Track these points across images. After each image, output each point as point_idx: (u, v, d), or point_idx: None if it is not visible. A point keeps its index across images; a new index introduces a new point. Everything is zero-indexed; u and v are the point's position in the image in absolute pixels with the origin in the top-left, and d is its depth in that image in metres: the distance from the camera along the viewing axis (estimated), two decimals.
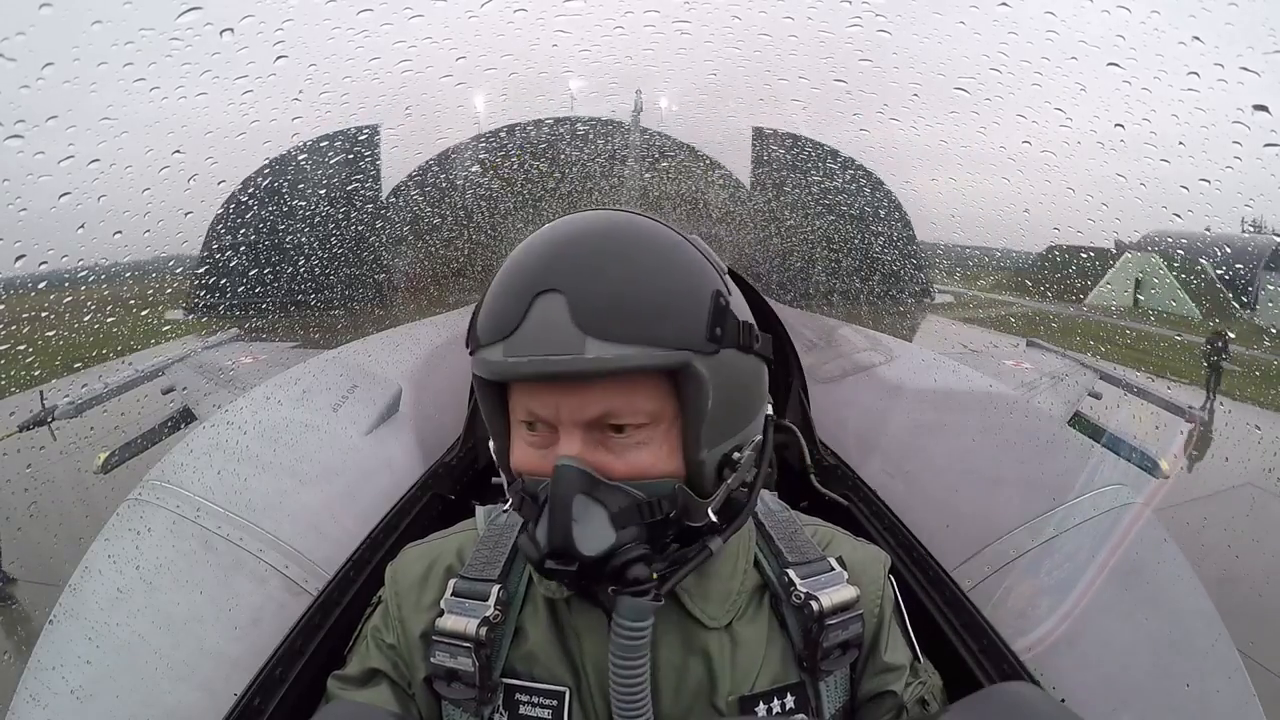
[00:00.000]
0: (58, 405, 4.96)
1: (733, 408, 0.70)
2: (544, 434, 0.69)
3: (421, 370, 2.52)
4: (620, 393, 0.66)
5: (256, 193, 4.58)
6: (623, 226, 0.71)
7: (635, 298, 0.64)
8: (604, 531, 0.65)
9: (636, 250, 0.68)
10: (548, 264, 0.67)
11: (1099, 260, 8.17)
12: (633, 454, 0.68)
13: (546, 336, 0.64)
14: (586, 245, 0.68)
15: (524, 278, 0.67)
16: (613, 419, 0.67)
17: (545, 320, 0.64)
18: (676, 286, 0.67)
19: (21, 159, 1.83)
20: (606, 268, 0.66)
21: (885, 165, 4.73)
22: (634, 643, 0.67)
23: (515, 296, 0.66)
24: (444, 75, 3.62)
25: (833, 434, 1.93)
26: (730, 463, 0.72)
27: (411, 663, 0.81)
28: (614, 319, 0.63)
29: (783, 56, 3.94)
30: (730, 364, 0.68)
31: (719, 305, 0.67)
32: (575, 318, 0.63)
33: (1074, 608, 1.25)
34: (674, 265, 0.68)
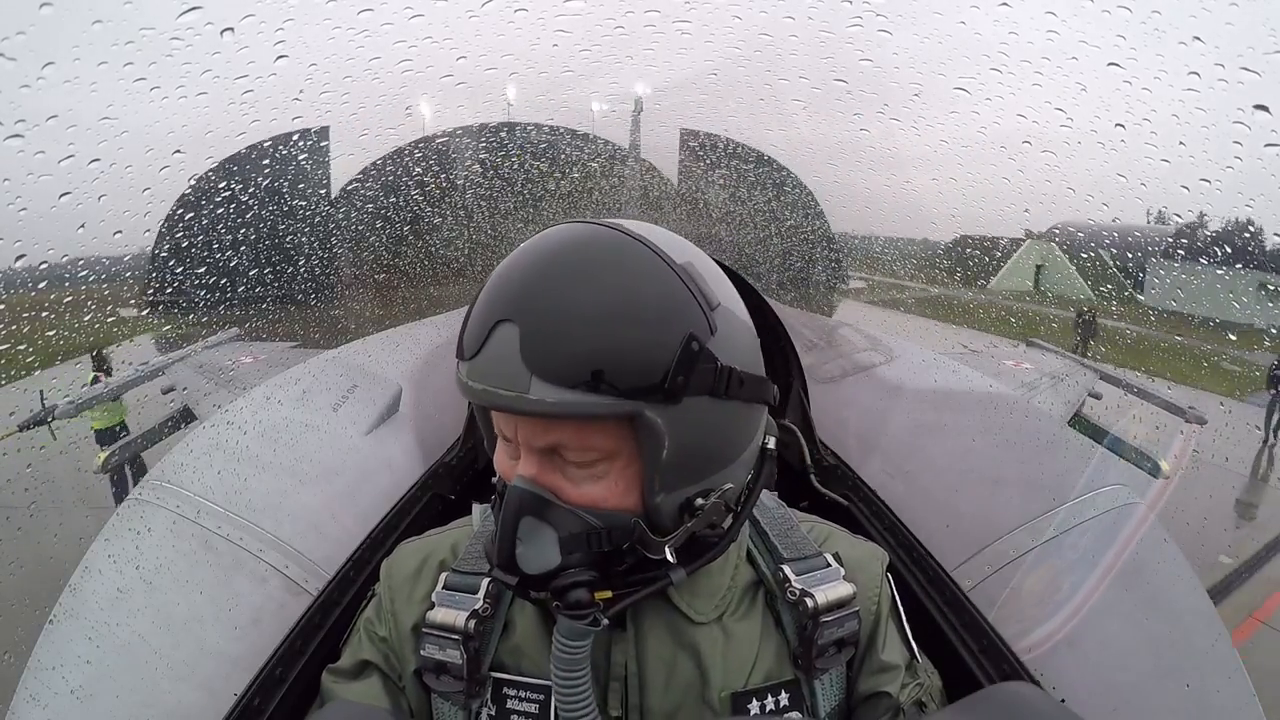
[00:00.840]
0: (58, 405, 4.96)
1: (697, 455, 0.67)
2: (514, 448, 0.70)
3: (421, 370, 2.52)
4: (573, 430, 0.65)
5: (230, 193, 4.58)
6: (595, 251, 0.66)
7: (587, 341, 0.61)
8: (549, 553, 0.66)
9: (601, 284, 0.63)
10: (510, 291, 0.65)
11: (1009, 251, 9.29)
12: (587, 485, 0.67)
13: (497, 369, 0.63)
14: (549, 274, 0.64)
15: (489, 302, 0.66)
16: (566, 452, 0.66)
17: (499, 351, 0.63)
18: (638, 330, 0.62)
19: (21, 159, 1.83)
20: (563, 303, 0.62)
21: (885, 164, 4.72)
22: (572, 657, 0.68)
23: (480, 320, 0.66)
24: (444, 75, 3.62)
25: (833, 434, 1.93)
26: (690, 508, 0.69)
27: (403, 655, 0.81)
28: (559, 362, 0.61)
29: (783, 56, 3.94)
30: (697, 412, 0.65)
31: (689, 351, 0.63)
32: (524, 355, 0.62)
33: (1074, 608, 1.25)
34: (640, 305, 0.63)
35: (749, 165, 7.89)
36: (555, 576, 0.66)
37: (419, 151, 5.38)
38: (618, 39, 3.68)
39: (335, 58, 2.93)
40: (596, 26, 3.74)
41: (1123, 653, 1.20)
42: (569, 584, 0.66)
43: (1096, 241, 14.14)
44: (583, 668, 0.68)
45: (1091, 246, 13.95)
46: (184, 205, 3.56)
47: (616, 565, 0.69)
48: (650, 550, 0.68)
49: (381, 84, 3.33)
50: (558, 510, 0.66)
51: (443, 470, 1.87)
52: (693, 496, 0.69)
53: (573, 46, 3.99)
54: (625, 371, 0.61)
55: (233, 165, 3.55)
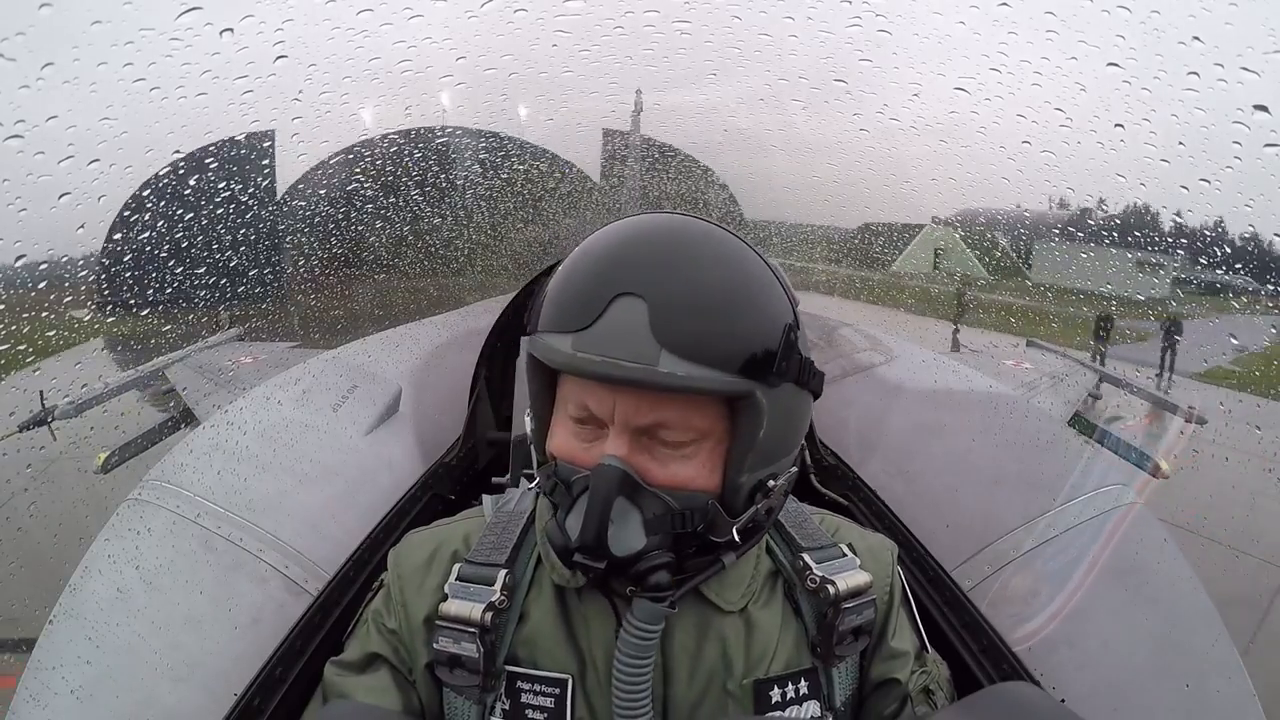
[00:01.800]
0: (58, 405, 4.96)
1: (779, 439, 0.71)
2: (592, 428, 0.70)
3: (421, 370, 2.52)
4: (677, 407, 0.66)
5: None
6: (710, 240, 0.70)
7: (716, 318, 0.64)
8: (636, 535, 0.66)
9: (723, 269, 0.67)
10: (632, 265, 0.66)
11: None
12: (675, 465, 0.68)
13: (622, 340, 0.63)
14: (672, 252, 0.67)
15: (605, 274, 0.66)
16: (664, 430, 0.67)
17: (623, 323, 0.64)
18: (756, 314, 0.67)
19: (21, 159, 1.83)
20: (693, 281, 0.65)
21: (885, 164, 4.73)
22: (644, 643, 0.69)
23: (593, 290, 0.66)
24: (444, 75, 3.62)
25: (833, 434, 1.93)
26: (764, 489, 0.72)
27: (413, 648, 0.79)
28: (692, 337, 0.63)
29: (783, 56, 3.94)
30: (787, 398, 0.69)
31: (789, 340, 0.68)
32: (654, 327, 0.63)
33: (1074, 607, 1.25)
34: (756, 291, 0.68)
35: (669, 161, 8.04)
36: (639, 559, 0.66)
37: (365, 153, 5.32)
38: (618, 39, 3.68)
39: (335, 58, 2.92)
40: (596, 26, 3.74)
41: (1123, 652, 1.20)
42: (652, 566, 0.67)
43: (996, 226, 15.98)
44: (651, 654, 0.69)
45: (989, 229, 16.05)
46: (135, 208, 3.55)
47: (688, 547, 0.70)
48: (718, 532, 0.70)
49: (381, 84, 3.33)
50: (645, 492, 0.67)
51: (443, 470, 1.87)
52: (765, 479, 0.72)
53: (573, 46, 4.00)
54: (746, 352, 0.65)
55: (196, 163, 3.55)
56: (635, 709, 0.69)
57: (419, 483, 1.76)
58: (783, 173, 8.90)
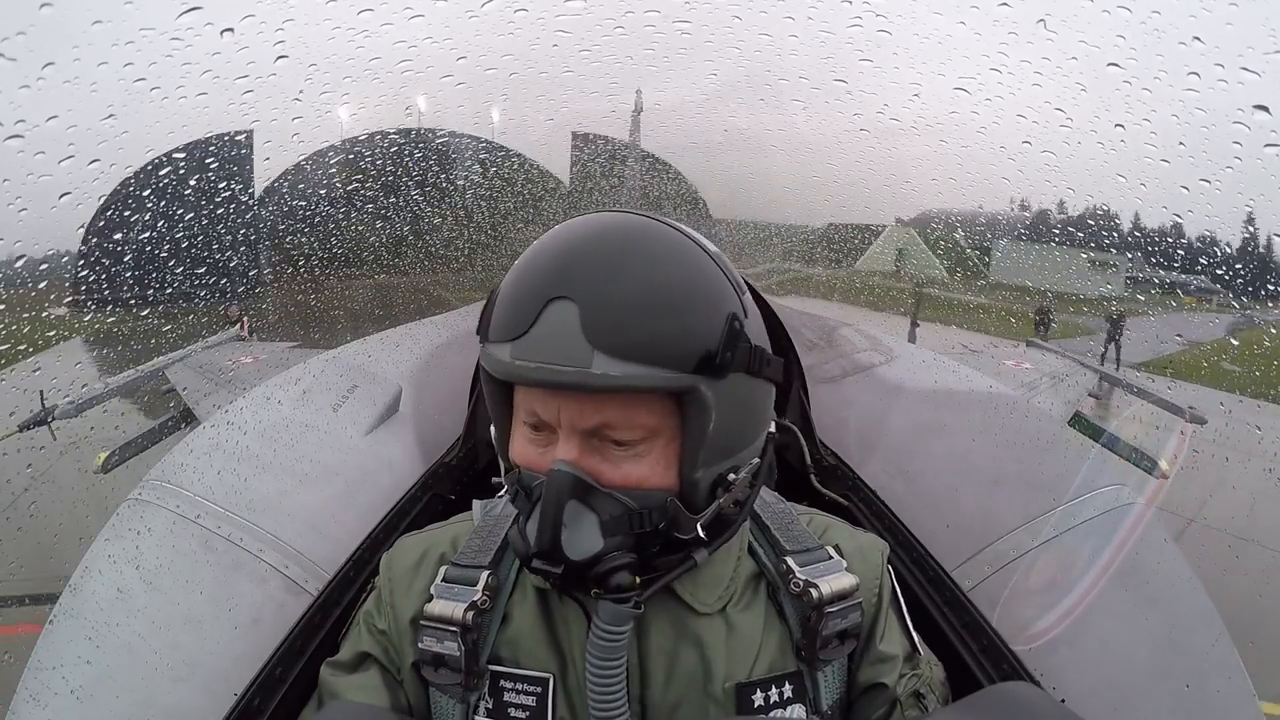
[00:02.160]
0: (58, 405, 4.96)
1: (733, 431, 0.70)
2: (545, 434, 0.70)
3: (421, 370, 2.52)
4: (621, 407, 0.66)
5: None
6: (643, 235, 0.69)
7: (649, 315, 0.64)
8: (592, 537, 0.66)
9: (655, 263, 0.67)
10: (563, 269, 0.66)
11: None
12: (628, 465, 0.68)
13: (554, 345, 0.64)
14: (604, 253, 0.67)
15: (538, 280, 0.67)
16: (610, 431, 0.67)
17: (555, 328, 0.64)
18: (692, 307, 0.66)
19: (21, 159, 1.83)
20: (622, 280, 0.65)
21: (885, 164, 4.72)
22: (612, 644, 0.68)
23: (528, 298, 0.66)
24: (444, 75, 3.62)
25: (833, 434, 1.93)
26: (725, 483, 0.72)
27: (401, 648, 0.81)
28: (624, 336, 0.63)
29: (783, 56, 3.94)
30: (736, 388, 0.68)
31: (733, 329, 0.66)
32: (585, 330, 0.63)
33: (1074, 608, 1.25)
34: (692, 283, 0.68)
35: (638, 163, 8.10)
36: (597, 562, 0.66)
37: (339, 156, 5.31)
38: (618, 39, 3.68)
39: (335, 58, 2.93)
40: (596, 26, 3.74)
41: (1122, 652, 1.20)
42: (612, 568, 0.67)
43: (955, 227, 17.99)
44: (620, 655, 0.69)
45: (946, 231, 18.10)
46: (109, 208, 3.54)
47: (650, 547, 0.70)
48: (682, 529, 0.70)
49: (381, 84, 3.32)
50: (598, 494, 0.67)
51: (443, 470, 1.87)
52: (725, 472, 0.71)
53: (573, 46, 4.00)
54: (683, 346, 0.64)
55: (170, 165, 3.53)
56: (611, 709, 0.69)
57: (419, 483, 1.76)
58: (783, 173, 8.87)
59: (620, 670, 0.69)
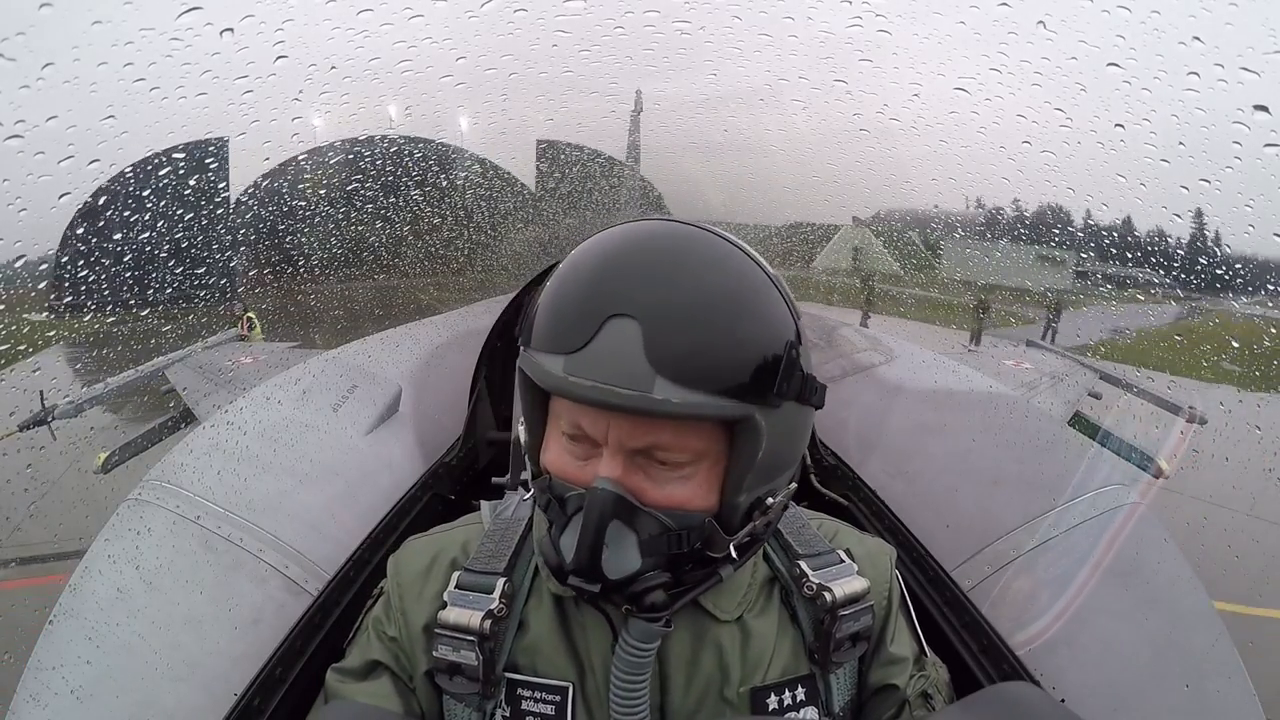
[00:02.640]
0: (58, 405, 4.95)
1: (778, 456, 0.70)
2: (586, 446, 0.68)
3: (421, 370, 2.52)
4: (673, 430, 0.64)
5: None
6: (709, 255, 0.67)
7: (714, 343, 0.62)
8: (631, 556, 0.66)
9: (722, 287, 0.64)
10: (625, 282, 0.64)
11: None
12: (671, 486, 0.67)
13: (615, 365, 0.61)
14: (668, 267, 0.64)
15: (597, 293, 0.64)
16: (659, 452, 0.65)
17: (616, 347, 0.62)
18: (756, 336, 0.64)
19: (21, 159, 1.83)
20: (688, 299, 0.62)
21: (884, 164, 4.72)
22: (641, 660, 0.69)
23: (585, 311, 0.64)
24: (444, 75, 3.62)
25: (833, 434, 1.93)
26: (762, 506, 0.71)
27: (413, 655, 0.80)
28: (688, 363, 0.61)
29: (783, 56, 3.95)
30: (788, 415, 0.67)
31: (791, 358, 0.65)
32: (649, 353, 0.61)
33: (1074, 608, 1.25)
34: (757, 310, 0.66)
35: (602, 168, 8.15)
36: (634, 580, 0.66)
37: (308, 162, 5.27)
38: (618, 39, 3.68)
39: (335, 58, 2.93)
40: (596, 26, 3.74)
41: (1122, 653, 1.20)
42: (648, 587, 0.66)
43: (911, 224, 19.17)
44: (646, 671, 0.69)
45: (902, 228, 19.61)
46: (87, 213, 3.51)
47: (685, 565, 0.70)
48: (715, 549, 0.69)
49: (382, 84, 3.32)
50: (640, 513, 0.66)
51: (443, 470, 1.87)
52: (764, 495, 0.71)
53: (573, 46, 4.00)
54: (744, 376, 0.63)
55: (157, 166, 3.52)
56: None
57: (419, 483, 1.76)
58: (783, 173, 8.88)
59: (644, 684, 0.69)
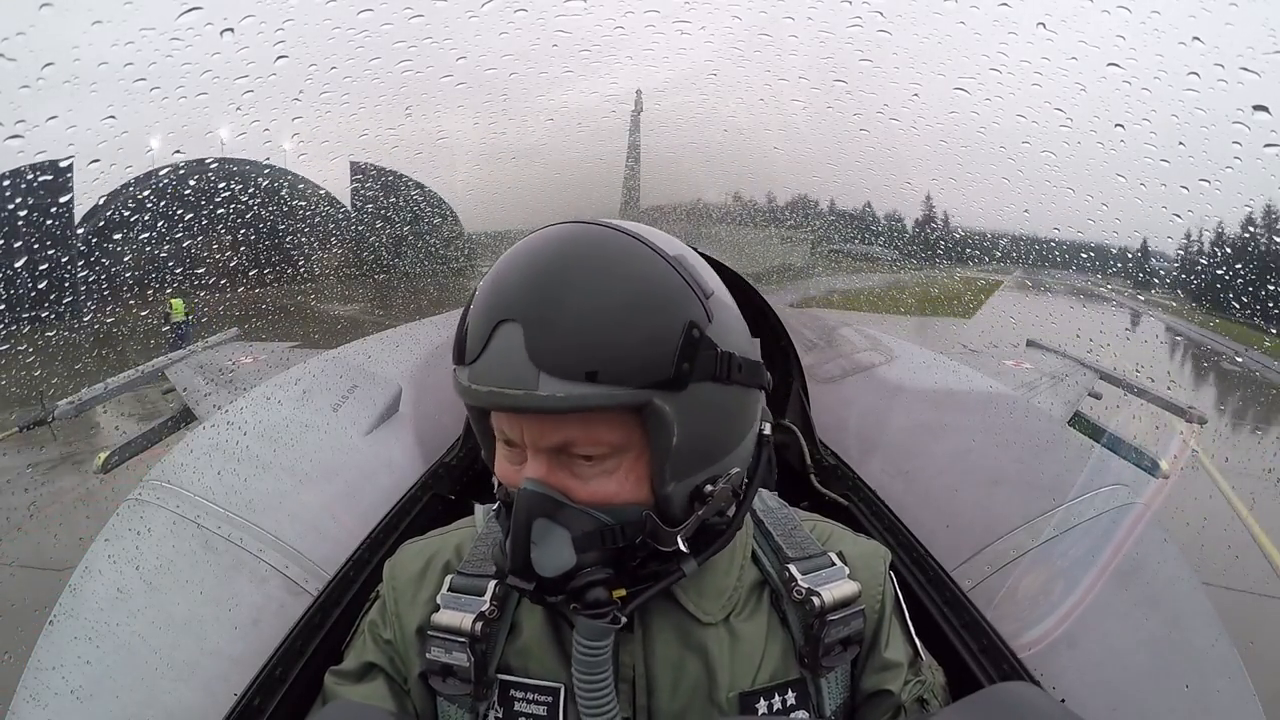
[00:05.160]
0: (58, 405, 4.96)
1: (705, 441, 0.69)
2: (518, 451, 0.70)
3: (421, 370, 2.52)
4: (581, 425, 0.65)
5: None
6: (592, 248, 0.67)
7: (593, 333, 0.62)
8: (564, 553, 0.66)
9: (602, 277, 0.65)
10: (509, 291, 0.66)
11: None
12: (597, 481, 0.67)
13: (502, 368, 0.64)
14: (548, 272, 0.65)
15: (488, 303, 0.67)
16: (573, 449, 0.66)
17: (502, 351, 0.64)
18: (641, 320, 0.64)
19: (21, 159, 1.83)
20: (565, 298, 0.63)
21: (884, 164, 4.71)
22: (594, 658, 0.68)
23: (479, 322, 0.67)
24: (444, 75, 3.62)
25: (833, 434, 1.93)
26: (701, 495, 0.70)
27: (407, 658, 0.81)
28: (568, 356, 0.62)
29: (783, 56, 3.95)
30: (702, 397, 0.66)
31: (690, 338, 0.64)
32: (530, 352, 0.62)
33: (1074, 608, 1.25)
34: (641, 295, 0.65)
35: (412, 192, 8.36)
36: (572, 577, 0.66)
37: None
38: (618, 39, 3.68)
39: (335, 58, 2.93)
40: (596, 27, 3.74)
41: (1122, 652, 1.19)
42: (586, 583, 0.66)
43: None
44: (605, 669, 0.69)
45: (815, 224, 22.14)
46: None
47: (630, 561, 0.69)
48: (662, 542, 0.69)
49: (381, 84, 3.32)
50: (569, 510, 0.66)
51: (443, 470, 1.87)
52: (702, 484, 0.70)
53: (573, 46, 4.00)
54: (632, 361, 0.63)
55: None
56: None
57: (419, 483, 1.76)
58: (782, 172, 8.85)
59: (606, 682, 0.69)
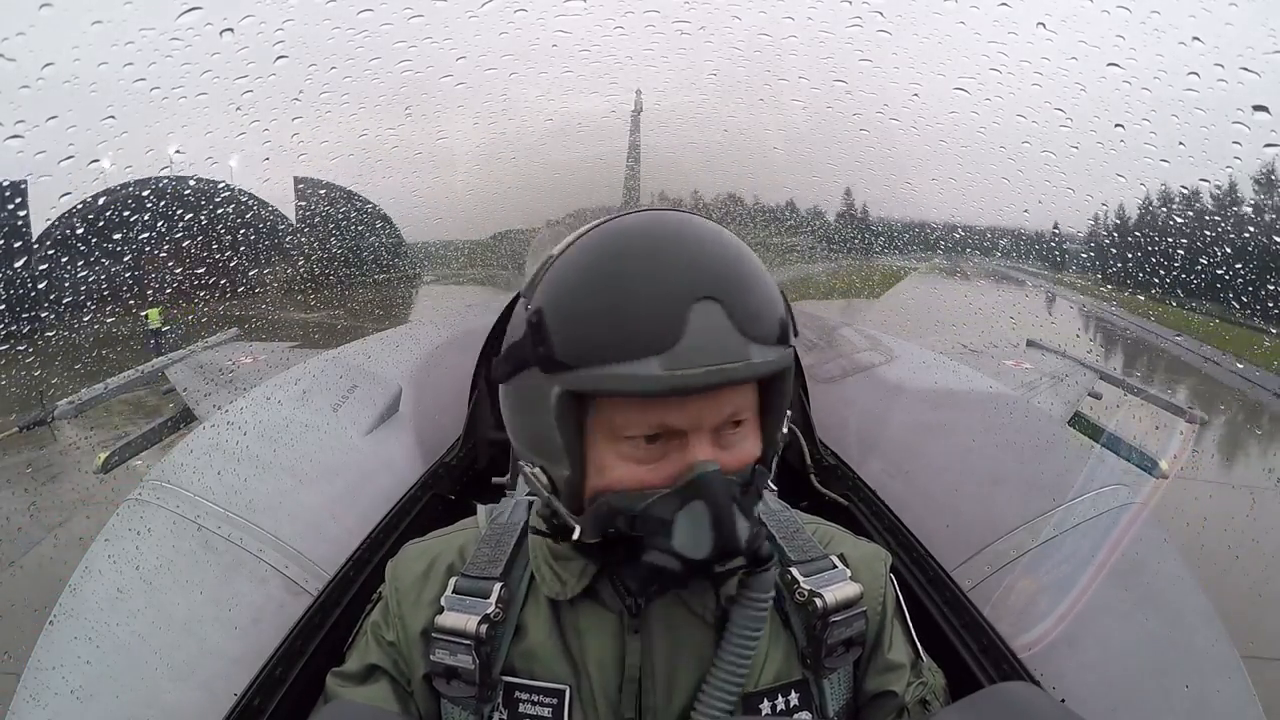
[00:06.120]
0: (58, 405, 4.96)
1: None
2: (660, 446, 0.68)
3: (421, 370, 2.52)
4: (743, 392, 0.69)
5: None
6: (710, 227, 0.72)
7: (768, 301, 0.68)
8: (744, 522, 0.67)
9: (741, 250, 0.70)
10: (689, 269, 0.65)
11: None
12: (739, 446, 0.71)
13: (716, 346, 0.64)
14: (715, 248, 0.68)
15: (668, 287, 0.64)
16: (736, 417, 0.69)
17: (707, 330, 0.63)
18: (776, 289, 0.71)
19: (21, 159, 1.83)
20: (740, 271, 0.68)
21: (884, 164, 4.72)
22: (762, 613, 0.72)
23: (664, 305, 0.63)
24: (444, 75, 3.62)
25: (833, 434, 1.93)
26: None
27: (411, 660, 0.81)
28: (762, 325, 0.67)
29: (783, 56, 3.95)
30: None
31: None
32: (737, 325, 0.65)
33: (1074, 608, 1.25)
34: (764, 268, 0.72)
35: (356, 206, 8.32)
36: (754, 541, 0.69)
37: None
38: (618, 39, 3.68)
39: (335, 58, 2.92)
40: (596, 26, 3.74)
41: (1122, 653, 1.20)
42: (761, 542, 0.70)
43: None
44: (764, 624, 0.73)
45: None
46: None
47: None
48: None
49: (381, 84, 3.32)
50: (734, 482, 0.69)
51: (443, 470, 1.87)
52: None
53: (573, 46, 4.00)
54: (784, 322, 0.71)
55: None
56: (739, 676, 0.72)
57: (419, 483, 1.76)
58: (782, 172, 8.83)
59: (759, 640, 0.73)
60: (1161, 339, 10.38)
